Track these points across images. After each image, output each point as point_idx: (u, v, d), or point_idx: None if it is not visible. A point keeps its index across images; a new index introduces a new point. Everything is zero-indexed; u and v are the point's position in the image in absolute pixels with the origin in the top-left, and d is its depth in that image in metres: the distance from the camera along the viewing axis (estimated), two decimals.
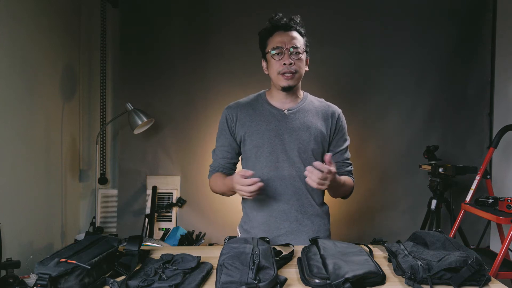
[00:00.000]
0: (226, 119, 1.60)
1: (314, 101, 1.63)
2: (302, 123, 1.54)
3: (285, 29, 1.51)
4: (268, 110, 1.57)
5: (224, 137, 1.61)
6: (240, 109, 1.59)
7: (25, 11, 2.30)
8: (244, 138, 1.57)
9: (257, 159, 1.55)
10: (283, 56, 1.48)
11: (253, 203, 1.58)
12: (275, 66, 1.50)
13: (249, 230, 1.60)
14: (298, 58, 1.49)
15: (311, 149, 1.54)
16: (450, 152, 3.03)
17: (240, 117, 1.57)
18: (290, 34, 1.50)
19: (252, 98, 1.63)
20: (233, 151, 1.62)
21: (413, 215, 3.04)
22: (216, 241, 2.99)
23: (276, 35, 1.51)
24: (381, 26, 3.02)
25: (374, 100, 3.06)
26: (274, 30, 1.52)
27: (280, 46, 1.48)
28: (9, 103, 2.15)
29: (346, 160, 1.64)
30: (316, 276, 1.04)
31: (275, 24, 1.52)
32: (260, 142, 1.53)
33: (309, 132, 1.54)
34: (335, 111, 1.62)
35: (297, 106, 1.57)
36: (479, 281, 1.02)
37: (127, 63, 3.03)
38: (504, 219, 2.00)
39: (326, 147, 1.60)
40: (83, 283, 1.00)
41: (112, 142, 3.17)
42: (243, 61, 2.99)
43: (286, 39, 1.49)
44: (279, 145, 1.52)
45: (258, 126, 1.54)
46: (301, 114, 1.56)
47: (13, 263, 1.90)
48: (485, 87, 3.04)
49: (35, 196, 2.41)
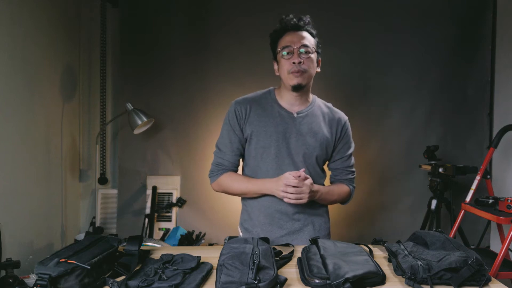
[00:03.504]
0: (235, 114, 1.54)
1: (322, 106, 1.62)
2: (309, 128, 1.54)
3: (295, 29, 1.50)
4: (278, 111, 1.55)
5: (233, 133, 1.55)
6: (250, 105, 1.55)
7: (25, 11, 2.30)
8: (251, 137, 1.54)
9: (262, 160, 1.53)
10: (293, 55, 1.47)
11: (256, 203, 1.57)
12: (285, 66, 1.49)
13: (250, 229, 1.59)
14: (307, 57, 1.48)
15: (316, 155, 1.54)
16: (450, 152, 3.03)
17: (249, 114, 1.54)
18: (300, 34, 1.49)
19: (261, 95, 1.60)
20: (242, 148, 1.58)
21: (413, 215, 3.04)
22: (216, 241, 2.99)
23: (286, 36, 1.50)
24: (381, 26, 3.02)
25: (374, 100, 3.06)
26: (284, 31, 1.51)
27: (289, 45, 1.47)
28: (9, 103, 2.15)
29: (347, 168, 1.63)
30: (316, 276, 1.04)
31: (285, 25, 1.51)
32: (267, 143, 1.52)
33: (315, 138, 1.54)
34: (341, 118, 1.61)
35: (306, 109, 1.56)
36: (479, 281, 1.02)
37: (127, 63, 3.03)
38: (504, 219, 2.00)
39: (329, 153, 1.60)
40: (83, 283, 1.00)
41: (112, 142, 3.17)
42: (243, 61, 2.99)
43: (296, 39, 1.48)
44: (285, 148, 1.52)
45: (267, 127, 1.52)
46: (309, 118, 1.55)
47: (13, 263, 1.90)
48: (485, 87, 3.04)
49: (35, 196, 2.41)
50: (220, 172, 1.58)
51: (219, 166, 1.59)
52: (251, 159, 1.57)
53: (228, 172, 1.58)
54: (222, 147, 1.58)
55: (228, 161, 1.57)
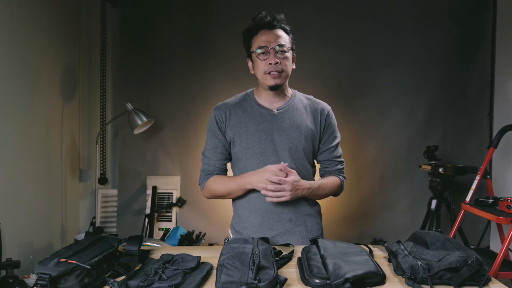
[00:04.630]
0: (215, 120, 1.55)
1: (303, 99, 1.61)
2: (292, 122, 1.53)
3: (269, 27, 1.49)
4: (257, 110, 1.54)
5: (216, 138, 1.57)
6: (229, 109, 1.55)
7: (25, 11, 2.30)
8: (234, 140, 1.54)
9: (248, 161, 1.52)
10: (269, 55, 1.46)
11: (246, 204, 1.56)
12: (261, 66, 1.48)
13: (241, 231, 1.57)
14: (284, 57, 1.47)
15: (302, 148, 1.53)
16: (450, 152, 3.03)
17: (229, 118, 1.54)
18: (275, 33, 1.48)
19: (240, 98, 1.60)
20: (226, 152, 1.58)
21: (413, 215, 3.04)
22: (216, 241, 2.99)
23: (261, 34, 1.49)
24: (381, 26, 3.02)
25: (374, 100, 3.06)
26: (258, 29, 1.50)
27: (265, 45, 1.46)
28: (9, 103, 2.15)
29: (335, 158, 1.62)
30: (316, 276, 1.04)
31: (259, 23, 1.50)
32: (250, 144, 1.51)
33: (299, 131, 1.52)
34: (324, 108, 1.60)
35: (286, 105, 1.55)
36: (479, 281, 1.02)
37: (127, 63, 3.03)
38: (504, 219, 2.00)
39: (316, 145, 1.58)
40: (83, 283, 1.00)
41: (112, 142, 3.17)
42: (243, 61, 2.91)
43: (271, 38, 1.47)
44: (269, 145, 1.51)
45: (248, 127, 1.52)
46: (291, 113, 1.54)
47: (13, 263, 1.90)
48: (485, 87, 3.04)
49: (35, 196, 2.41)
50: (207, 177, 1.59)
51: (205, 172, 1.60)
52: (238, 161, 1.57)
53: (214, 175, 1.58)
54: (207, 153, 1.60)
55: (213, 166, 1.58)
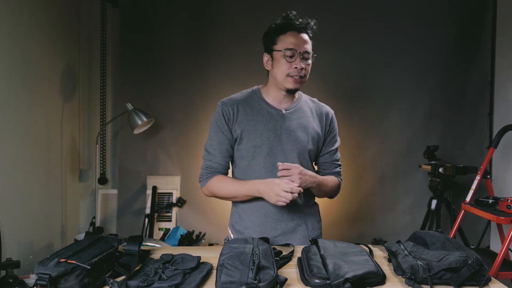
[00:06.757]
0: (223, 115, 1.51)
1: (308, 101, 1.62)
2: (299, 124, 1.53)
3: (299, 30, 1.47)
4: (266, 109, 1.53)
5: (222, 134, 1.52)
6: (236, 105, 1.52)
7: (25, 11, 2.30)
8: (241, 137, 1.51)
9: (254, 159, 1.51)
10: (295, 59, 1.45)
11: (248, 204, 1.55)
12: (285, 67, 1.46)
13: (242, 231, 1.56)
14: (307, 64, 1.48)
15: (309, 150, 1.54)
16: (450, 152, 3.03)
17: (237, 115, 1.51)
18: (303, 37, 1.47)
19: (246, 94, 1.58)
20: (231, 149, 1.54)
21: (413, 215, 3.04)
22: (216, 241, 2.99)
23: (290, 35, 1.46)
24: (381, 26, 3.02)
25: (374, 100, 3.06)
26: (287, 29, 1.47)
27: (293, 48, 1.44)
28: (9, 103, 2.15)
29: (335, 161, 1.64)
30: (316, 276, 1.04)
31: (290, 23, 1.47)
32: (258, 142, 1.50)
33: (306, 133, 1.53)
34: (328, 111, 1.62)
35: (293, 106, 1.56)
36: (479, 281, 1.02)
37: (127, 63, 3.03)
38: (504, 219, 2.00)
39: (320, 147, 1.60)
40: (83, 283, 1.00)
41: (112, 142, 3.17)
42: (244, 61, 2.99)
43: (300, 42, 1.46)
44: (277, 145, 1.50)
45: (256, 125, 1.50)
46: (298, 114, 1.55)
47: (13, 263, 1.90)
48: (485, 87, 3.04)
49: (35, 196, 2.41)
50: (210, 175, 1.54)
51: (208, 169, 1.55)
52: (241, 160, 1.54)
53: (218, 175, 1.54)
54: (211, 149, 1.55)
55: (218, 163, 1.54)
